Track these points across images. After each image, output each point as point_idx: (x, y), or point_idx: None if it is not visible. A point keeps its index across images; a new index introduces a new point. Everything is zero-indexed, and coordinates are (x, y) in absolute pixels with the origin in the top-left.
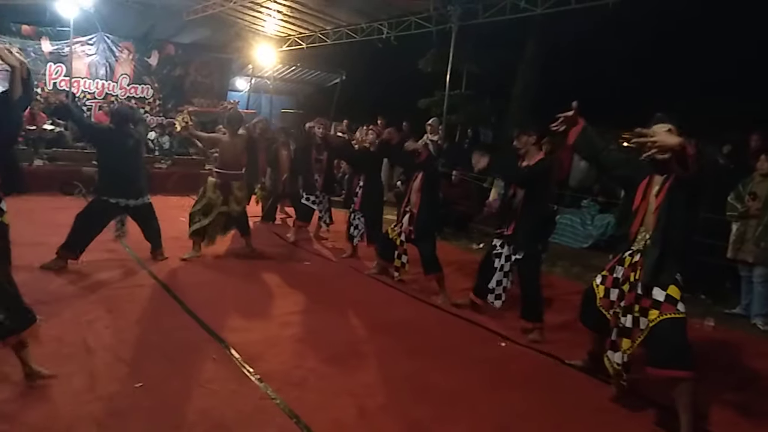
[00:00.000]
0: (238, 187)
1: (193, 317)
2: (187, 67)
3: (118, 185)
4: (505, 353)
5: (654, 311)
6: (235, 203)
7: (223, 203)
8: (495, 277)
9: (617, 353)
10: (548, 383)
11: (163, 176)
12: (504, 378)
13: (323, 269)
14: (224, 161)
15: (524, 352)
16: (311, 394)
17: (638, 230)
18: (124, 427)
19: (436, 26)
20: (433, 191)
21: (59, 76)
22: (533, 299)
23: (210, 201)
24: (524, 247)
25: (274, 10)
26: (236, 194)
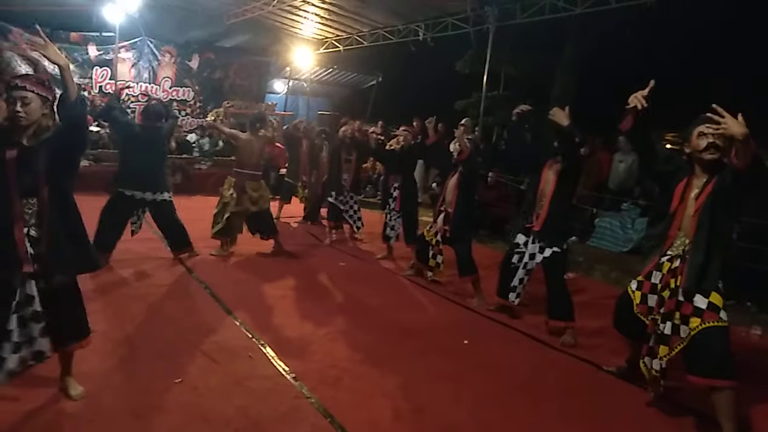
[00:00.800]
0: (252, 187)
1: (231, 315)
2: (227, 69)
3: (135, 177)
4: (541, 358)
5: (695, 319)
6: (250, 203)
7: (237, 203)
8: (518, 275)
9: (655, 360)
10: (586, 389)
11: (203, 177)
12: (541, 383)
13: (358, 270)
14: (240, 160)
15: (560, 357)
16: (346, 393)
17: (676, 234)
18: (164, 421)
19: (473, 27)
20: (470, 190)
21: (105, 80)
22: (562, 297)
23: (225, 200)
24: (553, 245)
25: (311, 12)
26: (250, 194)
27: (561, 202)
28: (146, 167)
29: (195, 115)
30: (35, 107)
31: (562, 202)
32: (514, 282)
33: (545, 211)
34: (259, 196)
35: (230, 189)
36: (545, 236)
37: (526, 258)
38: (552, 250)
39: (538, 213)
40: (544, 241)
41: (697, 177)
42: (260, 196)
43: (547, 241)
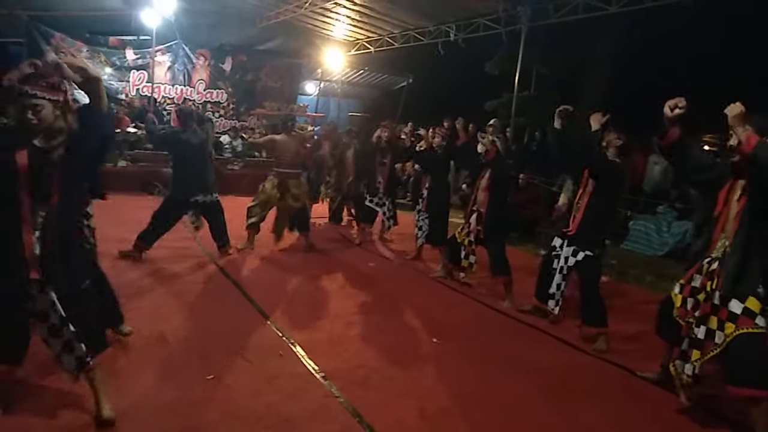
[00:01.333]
0: (294, 185)
1: (262, 314)
2: (259, 72)
3: (190, 183)
4: (572, 362)
5: (730, 325)
6: (292, 200)
7: (279, 199)
8: (555, 280)
9: (687, 364)
10: (618, 395)
11: (236, 177)
12: (571, 388)
13: (387, 271)
14: (280, 161)
15: (592, 362)
16: (374, 393)
17: (719, 237)
18: (198, 416)
19: (505, 27)
20: (502, 190)
21: (142, 83)
22: (595, 303)
23: (269, 197)
24: (587, 248)
25: (343, 15)
26: (293, 191)
27: (598, 207)
28: (199, 171)
29: (228, 117)
30: (47, 113)
31: (598, 207)
32: (552, 288)
33: (581, 215)
34: (300, 192)
35: (273, 188)
36: (579, 240)
37: (561, 262)
38: (585, 254)
39: (574, 215)
40: (578, 244)
41: (740, 179)
42: (301, 193)
43: (580, 244)
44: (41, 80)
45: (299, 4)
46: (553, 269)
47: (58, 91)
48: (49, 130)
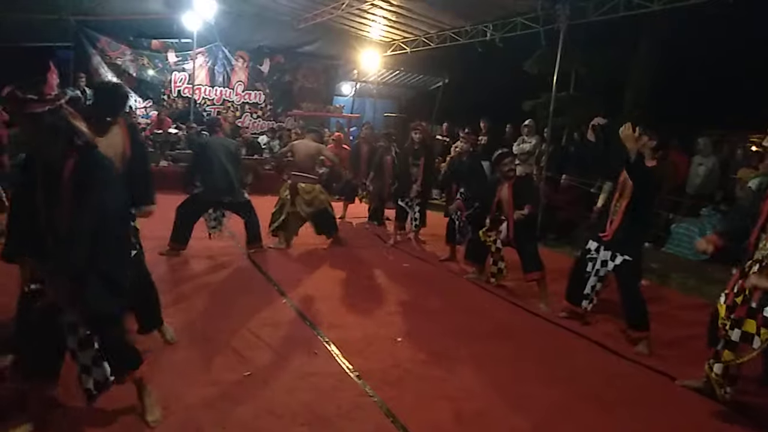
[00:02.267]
0: (304, 190)
1: (297, 312)
2: (296, 73)
3: (218, 186)
4: (611, 367)
5: (765, 330)
6: (304, 204)
7: (291, 203)
8: (590, 282)
9: (717, 363)
10: (658, 401)
11: (273, 178)
12: (609, 393)
13: (422, 271)
14: (296, 164)
15: (631, 367)
16: (408, 394)
17: (758, 236)
18: (235, 412)
19: (543, 26)
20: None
21: (183, 84)
22: (637, 307)
23: (282, 201)
24: (625, 252)
25: (379, 15)
26: (303, 196)
27: (636, 211)
28: (223, 176)
29: (266, 118)
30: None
31: (637, 211)
32: (586, 290)
33: (618, 219)
34: (312, 197)
35: (285, 191)
36: (616, 244)
37: (597, 265)
38: (623, 258)
39: (612, 219)
40: (615, 248)
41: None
42: (314, 198)
43: (618, 248)
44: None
45: (336, 6)
46: (587, 272)
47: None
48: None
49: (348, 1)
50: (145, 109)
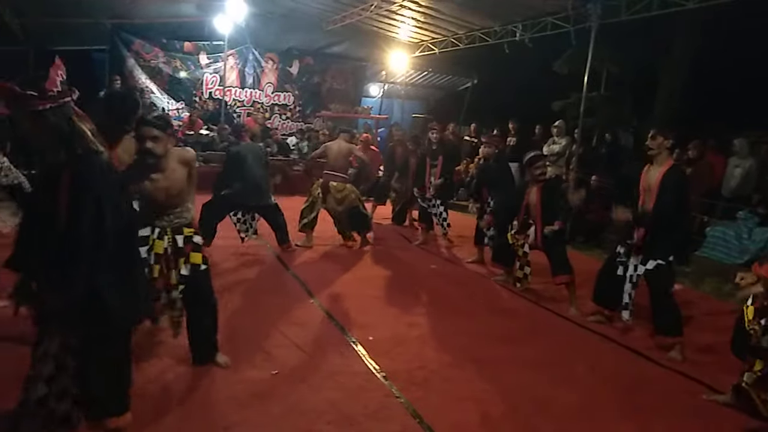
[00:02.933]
0: (336, 188)
1: (324, 312)
2: (325, 74)
3: (245, 189)
4: (642, 373)
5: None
6: (335, 203)
7: (322, 201)
8: (626, 289)
9: (749, 373)
10: (689, 409)
11: (302, 178)
12: (638, 398)
13: (449, 273)
14: (329, 163)
15: (664, 373)
16: (434, 395)
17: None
18: (263, 408)
19: (574, 26)
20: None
21: (214, 86)
22: (670, 312)
23: (313, 198)
24: (655, 257)
25: (408, 17)
26: (334, 195)
27: (664, 215)
28: (252, 181)
29: (294, 119)
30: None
31: (665, 215)
32: (624, 299)
33: (647, 225)
34: (343, 196)
35: (317, 188)
36: (646, 248)
37: (630, 270)
38: (656, 263)
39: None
40: (647, 253)
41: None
42: (345, 197)
43: (650, 253)
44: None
45: (365, 7)
46: (618, 276)
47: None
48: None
49: (377, 3)
50: (178, 111)
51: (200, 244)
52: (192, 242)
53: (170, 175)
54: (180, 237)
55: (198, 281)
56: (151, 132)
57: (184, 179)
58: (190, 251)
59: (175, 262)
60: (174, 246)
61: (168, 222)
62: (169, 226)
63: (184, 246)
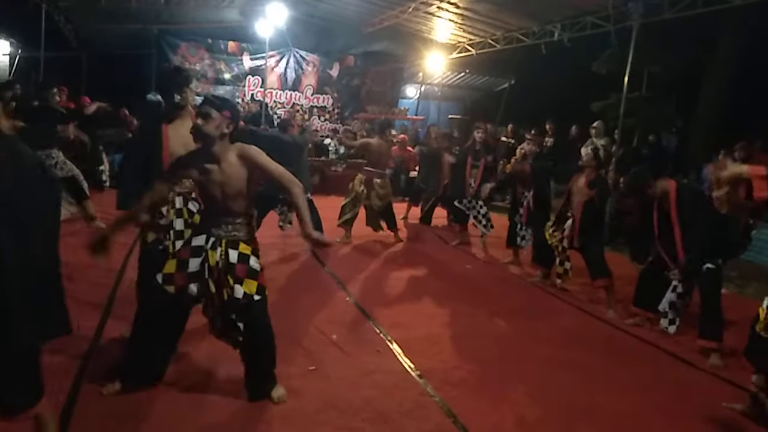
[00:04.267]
0: (379, 184)
1: (360, 309)
2: (364, 77)
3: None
4: (683, 378)
5: None
6: (377, 198)
7: (366, 197)
8: (666, 298)
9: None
10: (728, 416)
11: (338, 178)
12: (678, 404)
13: (485, 273)
14: (370, 161)
15: (704, 378)
16: (469, 396)
17: None
18: (300, 404)
19: (614, 25)
20: (600, 194)
21: (256, 88)
22: (716, 317)
23: (357, 194)
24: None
25: (446, 18)
26: (377, 190)
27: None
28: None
29: (333, 121)
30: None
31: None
32: (661, 306)
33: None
34: (385, 192)
35: (361, 185)
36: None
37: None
38: (706, 267)
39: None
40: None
41: None
42: (386, 193)
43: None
44: None
45: (403, 9)
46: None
47: None
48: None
49: (415, 5)
50: None
51: (257, 269)
52: (248, 264)
53: (227, 169)
54: (234, 252)
55: (252, 312)
56: (204, 108)
57: (244, 179)
58: (244, 276)
59: (225, 279)
60: (226, 261)
61: (225, 232)
62: (225, 236)
63: (237, 263)
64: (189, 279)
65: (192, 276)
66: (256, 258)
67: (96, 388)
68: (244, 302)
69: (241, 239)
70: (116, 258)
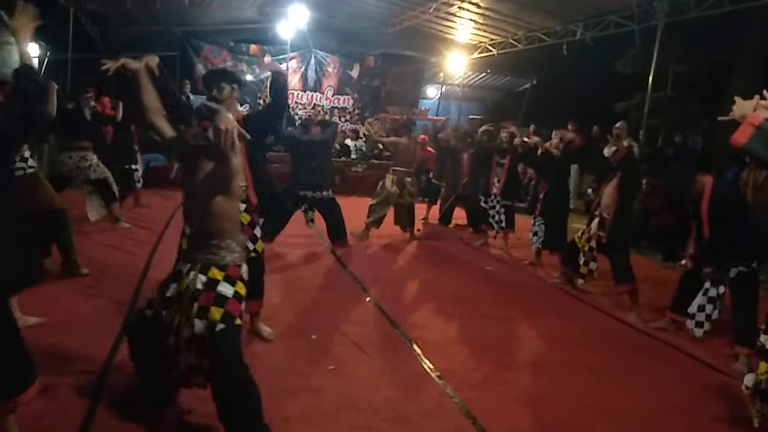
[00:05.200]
0: (410, 182)
1: (380, 310)
2: (385, 77)
3: (302, 179)
4: (707, 383)
5: None
6: (409, 197)
7: (399, 196)
8: (697, 300)
9: (749, 375)
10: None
11: (359, 179)
12: (701, 408)
13: (505, 275)
14: (399, 160)
15: (729, 383)
16: (489, 397)
17: None
18: (320, 403)
19: (639, 24)
20: (630, 195)
21: None
22: (751, 322)
23: (389, 194)
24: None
25: (467, 18)
26: (409, 189)
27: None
28: (313, 170)
29: (353, 122)
30: None
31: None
32: (691, 309)
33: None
34: (415, 190)
35: (393, 185)
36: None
37: (707, 283)
38: (737, 270)
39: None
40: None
41: None
42: (415, 191)
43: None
44: None
45: (424, 10)
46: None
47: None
48: None
49: (436, 5)
50: None
51: (227, 296)
52: (216, 291)
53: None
54: (203, 277)
55: (216, 347)
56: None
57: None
58: (210, 304)
59: (187, 310)
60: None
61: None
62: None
63: (202, 291)
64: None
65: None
66: (230, 285)
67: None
68: (207, 335)
69: (215, 263)
70: (140, 256)
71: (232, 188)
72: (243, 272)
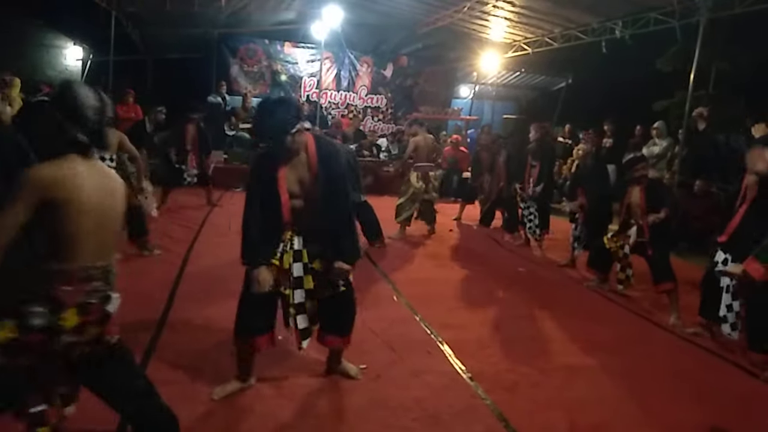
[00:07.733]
0: (434, 177)
1: (412, 310)
2: (418, 77)
3: None
4: (749, 390)
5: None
6: (434, 191)
7: (425, 191)
8: (723, 301)
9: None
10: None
11: (391, 179)
12: (740, 416)
13: (538, 276)
14: (420, 157)
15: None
16: (521, 400)
17: None
18: (351, 401)
19: (680, 21)
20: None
21: (311, 89)
22: (759, 325)
23: (416, 190)
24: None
25: (501, 17)
26: (433, 183)
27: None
28: None
29: (386, 121)
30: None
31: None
32: (721, 311)
33: (736, 222)
34: (438, 184)
35: (418, 180)
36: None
37: (727, 279)
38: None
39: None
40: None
41: None
42: (438, 185)
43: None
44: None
45: (458, 9)
46: (719, 287)
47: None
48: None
49: (470, 4)
50: None
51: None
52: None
53: None
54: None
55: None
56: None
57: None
58: None
59: None
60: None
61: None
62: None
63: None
64: None
65: None
66: None
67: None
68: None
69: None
70: (178, 253)
71: None
72: None
